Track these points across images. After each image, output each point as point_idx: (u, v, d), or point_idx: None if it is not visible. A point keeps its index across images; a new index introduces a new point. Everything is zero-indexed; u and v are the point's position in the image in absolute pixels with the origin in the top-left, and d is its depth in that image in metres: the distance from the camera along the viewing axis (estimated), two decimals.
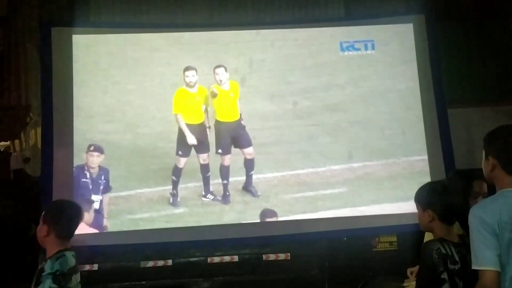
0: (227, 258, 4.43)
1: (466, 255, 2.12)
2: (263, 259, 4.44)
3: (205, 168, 4.43)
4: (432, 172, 4.66)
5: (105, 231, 4.34)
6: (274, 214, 4.48)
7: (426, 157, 4.75)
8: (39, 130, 5.69)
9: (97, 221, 4.29)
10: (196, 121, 4.48)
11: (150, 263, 4.37)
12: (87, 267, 4.30)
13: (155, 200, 4.39)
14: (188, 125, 4.45)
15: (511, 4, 5.51)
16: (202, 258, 4.42)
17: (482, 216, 1.91)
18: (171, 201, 4.42)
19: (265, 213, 4.47)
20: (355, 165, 4.62)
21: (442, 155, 4.74)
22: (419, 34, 5.05)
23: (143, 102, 4.65)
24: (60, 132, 4.54)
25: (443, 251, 2.14)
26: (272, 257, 4.45)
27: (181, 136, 4.43)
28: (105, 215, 4.35)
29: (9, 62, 6.34)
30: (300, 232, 4.50)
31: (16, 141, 6.80)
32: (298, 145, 4.63)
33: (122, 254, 4.43)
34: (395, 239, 4.55)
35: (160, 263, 4.37)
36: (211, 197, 4.43)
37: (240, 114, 4.58)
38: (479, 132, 2.18)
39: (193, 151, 4.47)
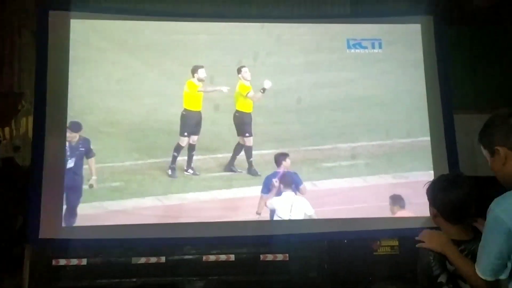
0: (223, 257, 4.28)
1: (476, 249, 1.95)
2: (261, 259, 4.31)
3: (192, 148, 4.72)
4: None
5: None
6: None
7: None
8: (30, 118, 5.49)
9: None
10: (196, 108, 4.78)
11: (142, 260, 4.21)
12: (75, 262, 4.16)
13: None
14: (188, 111, 4.70)
15: None
16: (197, 256, 4.27)
17: (499, 214, 1.67)
18: (169, 173, 4.59)
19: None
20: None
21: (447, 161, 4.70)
22: (427, 35, 4.97)
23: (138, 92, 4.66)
24: (52, 120, 4.43)
25: None
26: (269, 257, 4.32)
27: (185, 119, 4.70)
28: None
29: (3, 47, 6.14)
30: (299, 233, 4.37)
31: (6, 129, 6.59)
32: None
33: (113, 249, 4.28)
34: (396, 243, 4.44)
35: (153, 259, 4.22)
36: (191, 171, 4.65)
37: None
38: None
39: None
